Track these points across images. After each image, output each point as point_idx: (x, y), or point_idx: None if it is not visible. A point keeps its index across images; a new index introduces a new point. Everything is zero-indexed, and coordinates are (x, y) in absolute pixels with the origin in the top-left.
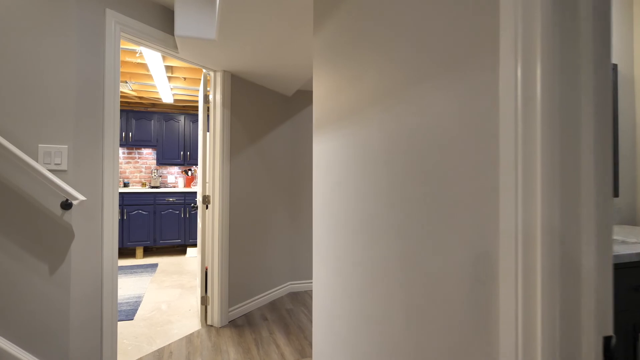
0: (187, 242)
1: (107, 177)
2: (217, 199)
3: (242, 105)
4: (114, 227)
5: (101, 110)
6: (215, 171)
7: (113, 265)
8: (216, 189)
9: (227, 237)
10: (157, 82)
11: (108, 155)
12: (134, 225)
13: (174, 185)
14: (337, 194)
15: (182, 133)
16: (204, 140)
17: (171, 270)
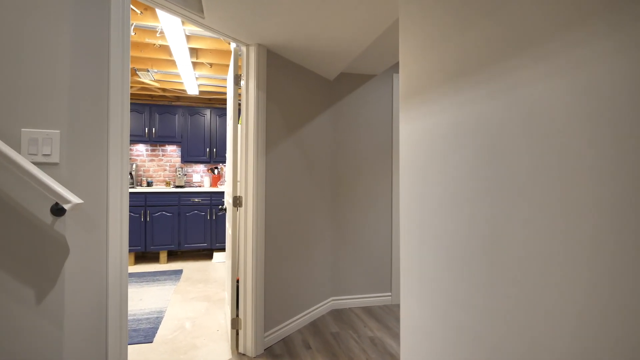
0: (213, 246)
1: (114, 172)
2: (251, 201)
3: (279, 88)
4: (122, 239)
5: (106, 84)
6: (249, 167)
7: (122, 288)
8: (249, 188)
9: (262, 245)
10: (180, 69)
11: (115, 144)
12: (158, 228)
13: (200, 184)
14: (458, 196)
15: (208, 128)
16: (234, 131)
17: (197, 277)
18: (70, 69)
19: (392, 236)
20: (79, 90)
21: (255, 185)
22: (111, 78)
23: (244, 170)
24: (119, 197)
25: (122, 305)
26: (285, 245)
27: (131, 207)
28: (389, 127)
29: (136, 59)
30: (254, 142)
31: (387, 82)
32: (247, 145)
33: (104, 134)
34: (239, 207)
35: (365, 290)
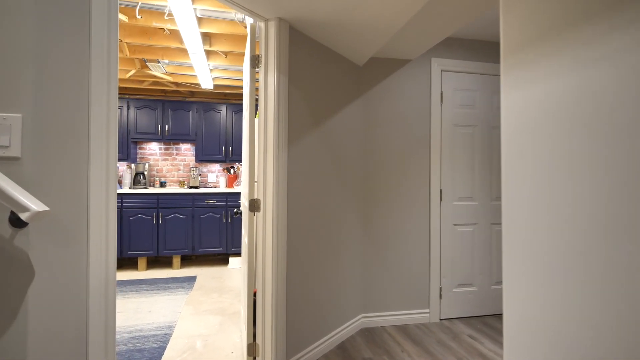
0: (229, 250)
1: (97, 169)
2: (270, 204)
3: (303, 72)
4: (108, 254)
5: (86, 54)
6: (268, 166)
7: (107, 318)
8: (269, 190)
9: (283, 255)
10: (193, 58)
11: (98, 133)
12: (171, 231)
13: (215, 185)
14: None
15: (224, 125)
16: (250, 125)
17: (211, 285)
18: (37, 32)
19: (430, 244)
20: (50, 61)
21: (275, 187)
22: (93, 46)
23: (262, 169)
24: (103, 201)
25: (107, 341)
26: (309, 255)
27: (143, 209)
28: (426, 119)
29: (145, 49)
30: (274, 135)
31: (424, 68)
32: (266, 138)
33: (83, 120)
34: (257, 212)
35: (400, 306)
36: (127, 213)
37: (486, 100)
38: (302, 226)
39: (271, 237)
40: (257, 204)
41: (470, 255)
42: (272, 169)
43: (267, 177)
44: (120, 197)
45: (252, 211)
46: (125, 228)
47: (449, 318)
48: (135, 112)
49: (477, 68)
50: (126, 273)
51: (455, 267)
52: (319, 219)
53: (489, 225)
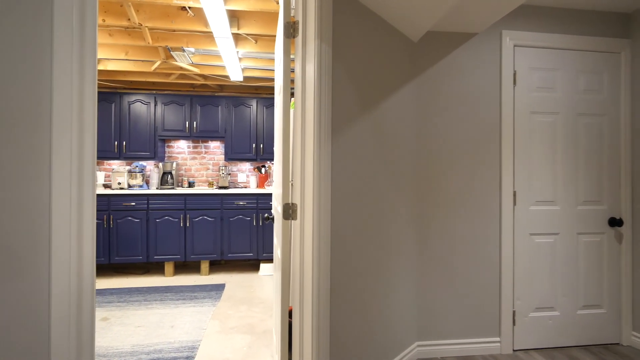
0: (260, 256)
1: (61, 161)
2: (310, 211)
3: (348, 43)
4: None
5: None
6: (307, 163)
7: None
8: (307, 193)
9: (326, 273)
10: (219, 44)
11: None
12: (199, 235)
13: (245, 185)
14: None
15: (254, 121)
16: (284, 111)
17: (240, 296)
18: None
19: (501, 258)
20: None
21: (316, 189)
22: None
23: (299, 167)
24: (73, 208)
25: None
26: (355, 272)
27: (170, 210)
28: (495, 106)
29: (168, 35)
30: (314, 123)
31: (492, 43)
32: (304, 128)
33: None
34: (293, 219)
35: (463, 333)
36: (154, 215)
37: (570, 82)
38: (346, 237)
39: (311, 251)
40: (293, 210)
41: (551, 273)
42: (311, 167)
43: (305, 176)
44: (147, 198)
45: (286, 218)
46: (152, 231)
47: (524, 349)
48: (163, 108)
49: (560, 42)
50: (152, 279)
51: (532, 287)
52: (366, 227)
53: (575, 235)
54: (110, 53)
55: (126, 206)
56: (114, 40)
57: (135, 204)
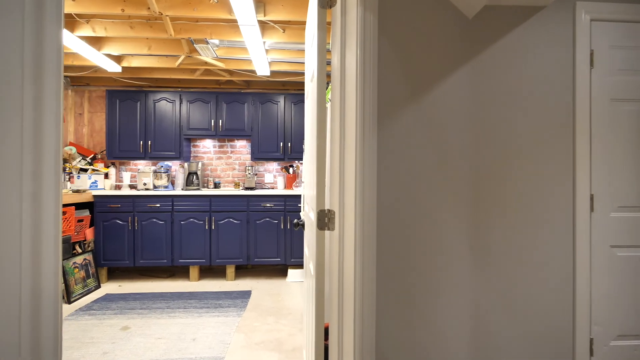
0: (288, 261)
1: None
2: (352, 220)
3: (396, 14)
4: None
5: None
6: (347, 162)
7: None
8: (349, 198)
9: (371, 293)
10: (245, 33)
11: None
12: (224, 238)
13: (272, 186)
14: None
15: (282, 119)
16: (319, 98)
17: (267, 305)
18: None
19: (576, 275)
20: None
21: (359, 194)
22: None
23: (337, 167)
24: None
25: None
26: (403, 290)
27: (195, 212)
28: (567, 93)
29: (191, 26)
30: (357, 112)
31: (563, 18)
32: (344, 118)
33: None
34: (330, 230)
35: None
36: (178, 217)
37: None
38: (394, 250)
39: (352, 269)
40: (330, 219)
41: (637, 293)
42: (353, 166)
43: (345, 178)
44: (171, 199)
45: (321, 228)
46: (177, 233)
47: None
48: (188, 106)
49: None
50: (177, 283)
51: (613, 310)
52: (416, 238)
53: None
54: (133, 48)
55: (151, 207)
56: (135, 32)
57: (160, 205)
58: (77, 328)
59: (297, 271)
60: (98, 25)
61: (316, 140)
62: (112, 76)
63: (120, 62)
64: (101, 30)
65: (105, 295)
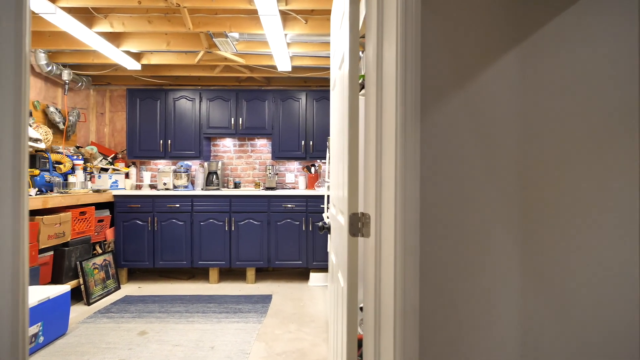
0: (309, 265)
1: None
2: (391, 224)
3: None
4: None
5: None
6: (385, 158)
7: None
8: (387, 200)
9: (414, 315)
10: (265, 24)
11: None
12: (244, 240)
13: (294, 186)
14: None
15: (303, 116)
16: (351, 82)
17: (288, 311)
18: None
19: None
20: None
21: (400, 195)
22: None
23: (372, 164)
24: None
25: None
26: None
27: (215, 213)
28: (633, 79)
29: (210, 19)
30: (398, 98)
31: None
32: (381, 105)
33: None
34: (364, 236)
35: None
36: (198, 218)
37: None
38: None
39: (392, 284)
40: (365, 224)
41: None
42: (392, 163)
43: (383, 177)
44: (191, 199)
45: (354, 234)
46: (196, 234)
47: None
48: (208, 104)
49: None
50: (197, 285)
51: None
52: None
53: None
54: (152, 44)
55: (170, 208)
56: (153, 27)
57: (180, 205)
58: (95, 332)
59: (319, 275)
60: (116, 20)
61: (347, 133)
62: (133, 75)
63: (139, 60)
64: (119, 26)
65: (125, 297)
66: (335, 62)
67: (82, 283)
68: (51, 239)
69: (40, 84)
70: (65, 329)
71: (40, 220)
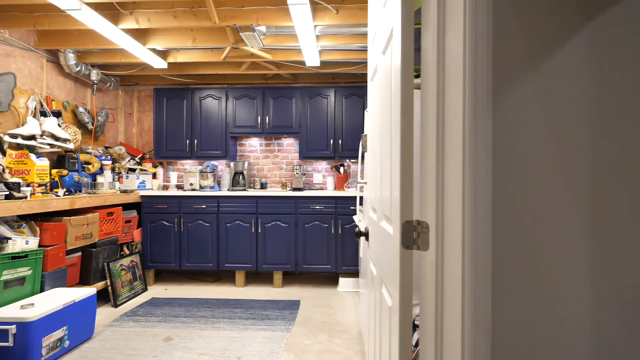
0: (339, 269)
1: None
2: (457, 235)
3: None
4: None
5: None
6: (449, 154)
7: None
8: (451, 204)
9: (486, 336)
10: (294, 13)
11: None
12: (271, 242)
13: (322, 186)
14: None
15: (332, 114)
16: (403, 61)
17: (318, 319)
18: None
19: None
20: None
21: (468, 199)
22: None
23: (431, 163)
24: None
25: None
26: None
27: (241, 214)
28: None
29: (236, 12)
30: (467, 78)
31: None
32: (443, 91)
33: None
34: (421, 249)
35: None
36: (224, 219)
37: None
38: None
39: (460, 307)
40: (422, 234)
41: None
42: (460, 162)
43: (446, 177)
44: (217, 200)
45: (408, 246)
46: (222, 236)
47: None
48: (234, 103)
49: None
50: (223, 288)
51: None
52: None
53: None
54: (178, 41)
55: (197, 209)
56: (179, 22)
57: (206, 206)
58: (120, 336)
59: (349, 280)
60: (141, 16)
61: (400, 125)
62: (160, 74)
63: (166, 58)
64: (145, 22)
65: (151, 300)
66: (377, 47)
67: (110, 284)
68: (79, 240)
69: (70, 84)
70: (91, 332)
71: (67, 221)
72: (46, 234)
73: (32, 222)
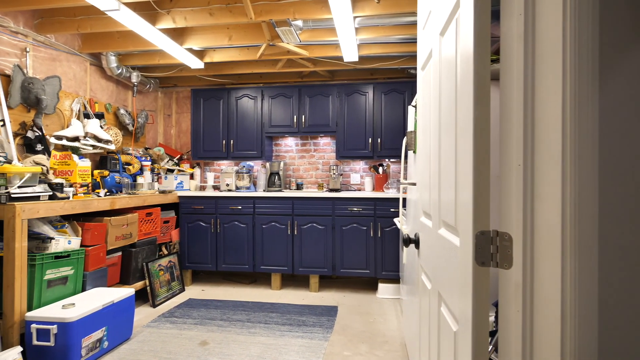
0: (378, 274)
1: None
2: (554, 248)
3: None
4: None
5: None
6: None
7: None
8: (544, 210)
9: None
10: (333, 4)
11: None
12: (307, 244)
13: (359, 187)
14: None
15: (370, 112)
16: (478, 39)
17: (357, 328)
18: None
19: None
20: None
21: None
22: None
23: (513, 161)
24: None
25: None
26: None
27: (277, 215)
28: None
29: (272, 6)
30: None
31: None
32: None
33: None
34: (502, 267)
35: None
36: (260, 220)
37: None
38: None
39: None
40: (502, 248)
41: None
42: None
43: (536, 179)
44: (253, 201)
45: (483, 263)
46: (258, 238)
47: None
48: (270, 102)
49: None
50: (259, 291)
51: None
52: None
53: None
54: (214, 39)
55: (233, 210)
56: (215, 19)
57: (242, 207)
58: (157, 338)
59: (389, 286)
60: (178, 15)
61: (473, 114)
62: (197, 75)
63: (202, 58)
64: (181, 20)
65: (188, 300)
66: (433, 28)
67: (148, 284)
68: (119, 240)
69: (112, 87)
70: (129, 333)
71: (108, 221)
72: (87, 234)
73: (74, 222)
